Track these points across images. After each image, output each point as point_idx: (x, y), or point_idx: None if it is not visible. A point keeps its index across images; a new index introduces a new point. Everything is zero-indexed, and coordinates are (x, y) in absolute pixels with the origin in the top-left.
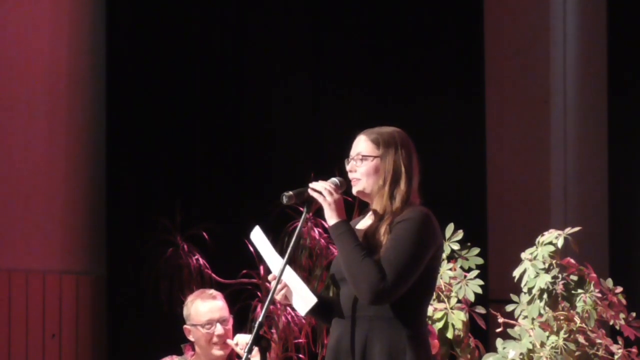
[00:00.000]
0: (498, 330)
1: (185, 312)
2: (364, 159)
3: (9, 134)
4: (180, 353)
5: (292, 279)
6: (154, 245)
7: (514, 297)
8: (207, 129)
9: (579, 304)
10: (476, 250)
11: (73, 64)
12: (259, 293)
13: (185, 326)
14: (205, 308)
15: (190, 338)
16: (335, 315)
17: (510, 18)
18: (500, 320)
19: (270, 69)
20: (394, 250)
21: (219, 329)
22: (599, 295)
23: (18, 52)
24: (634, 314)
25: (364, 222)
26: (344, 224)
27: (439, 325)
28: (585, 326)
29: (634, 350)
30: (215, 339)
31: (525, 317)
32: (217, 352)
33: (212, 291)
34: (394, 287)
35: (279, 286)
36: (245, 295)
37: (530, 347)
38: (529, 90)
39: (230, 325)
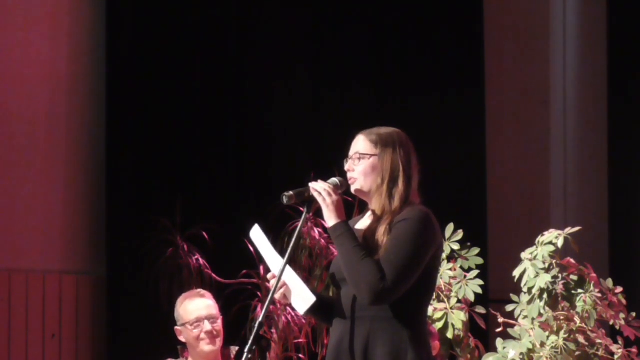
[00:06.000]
0: (498, 330)
1: (175, 314)
2: (361, 157)
3: (9, 134)
4: (176, 356)
5: (292, 278)
6: (154, 245)
7: (514, 297)
8: (207, 129)
9: (579, 304)
10: (476, 250)
11: (73, 65)
12: (259, 293)
13: (176, 327)
14: (193, 307)
15: (182, 339)
16: (336, 316)
17: (510, 18)
18: (500, 320)
19: (270, 68)
20: (393, 250)
21: (207, 326)
22: (599, 295)
23: (18, 53)
24: (634, 314)
25: (363, 222)
26: (343, 225)
27: (439, 325)
28: (585, 326)
29: (634, 350)
30: (202, 335)
31: (525, 317)
32: (206, 347)
33: (200, 290)
34: (394, 287)
35: (279, 285)
36: (245, 295)
37: (530, 347)
38: (529, 90)
39: (219, 323)
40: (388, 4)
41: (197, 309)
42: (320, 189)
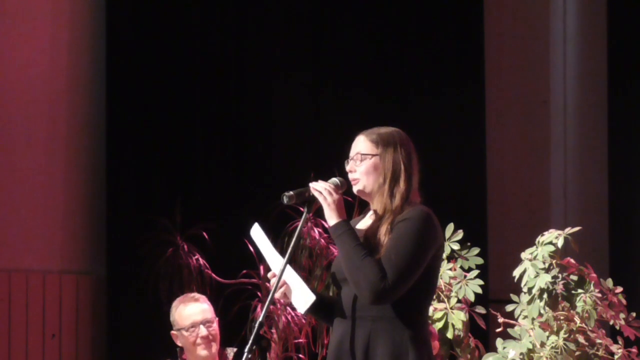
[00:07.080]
0: (498, 330)
1: (171, 318)
2: (362, 158)
3: (9, 135)
4: (175, 357)
5: (292, 277)
6: (154, 245)
7: (514, 297)
8: (207, 129)
9: (579, 304)
10: (476, 250)
11: (73, 64)
12: (259, 293)
13: (172, 332)
14: (187, 312)
15: (178, 343)
16: (336, 316)
17: (511, 18)
18: (500, 320)
19: (270, 69)
20: (394, 250)
21: (202, 331)
22: (599, 295)
23: (18, 53)
24: (634, 314)
25: (365, 222)
26: (344, 224)
27: (439, 325)
28: (585, 326)
29: (634, 350)
30: (198, 341)
31: (525, 317)
32: (202, 351)
33: (195, 294)
34: (395, 287)
35: (279, 284)
36: (245, 295)
37: (530, 347)
38: (529, 90)
39: (215, 327)
40: (388, 4)
41: (192, 314)
42: (321, 189)
